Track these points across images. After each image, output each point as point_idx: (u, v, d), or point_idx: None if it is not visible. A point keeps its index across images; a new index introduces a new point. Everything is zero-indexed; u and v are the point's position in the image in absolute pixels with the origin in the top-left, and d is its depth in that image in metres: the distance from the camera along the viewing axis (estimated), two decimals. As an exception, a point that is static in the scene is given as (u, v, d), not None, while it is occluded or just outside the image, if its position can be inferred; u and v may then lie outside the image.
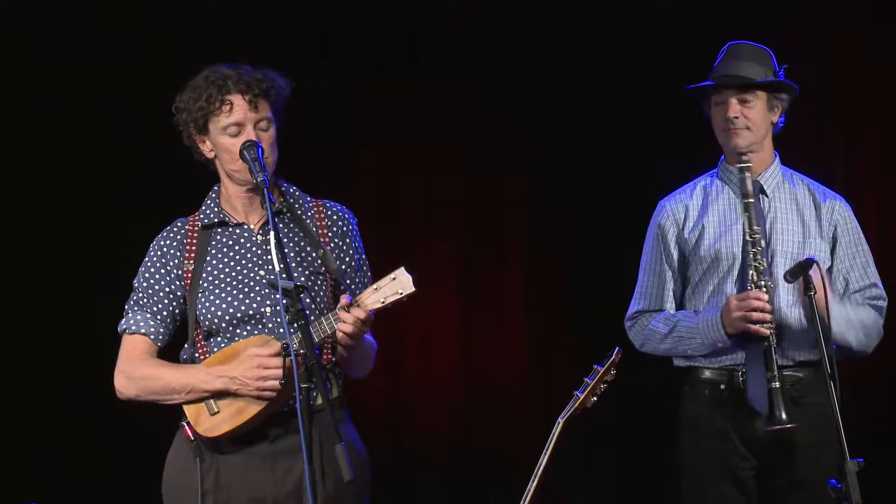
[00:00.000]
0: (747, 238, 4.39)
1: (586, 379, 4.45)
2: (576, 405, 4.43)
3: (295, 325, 3.65)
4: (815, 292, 4.22)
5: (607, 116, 6.07)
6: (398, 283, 3.81)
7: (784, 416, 4.27)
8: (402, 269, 3.83)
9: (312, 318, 3.85)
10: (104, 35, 5.95)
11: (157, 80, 5.78)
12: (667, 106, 5.98)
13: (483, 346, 6.21)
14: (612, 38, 6.06)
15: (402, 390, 6.08)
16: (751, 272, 4.37)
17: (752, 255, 4.37)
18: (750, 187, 4.41)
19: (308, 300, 3.85)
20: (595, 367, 4.47)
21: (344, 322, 3.80)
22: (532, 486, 4.36)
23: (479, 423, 6.15)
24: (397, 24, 6.19)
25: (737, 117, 4.48)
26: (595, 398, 4.44)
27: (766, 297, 4.33)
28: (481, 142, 6.18)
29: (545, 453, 4.38)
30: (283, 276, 3.68)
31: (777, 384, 4.29)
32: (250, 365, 3.85)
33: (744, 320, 4.33)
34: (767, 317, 4.32)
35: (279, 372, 3.81)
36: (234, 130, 3.94)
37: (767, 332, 4.32)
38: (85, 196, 5.97)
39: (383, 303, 3.82)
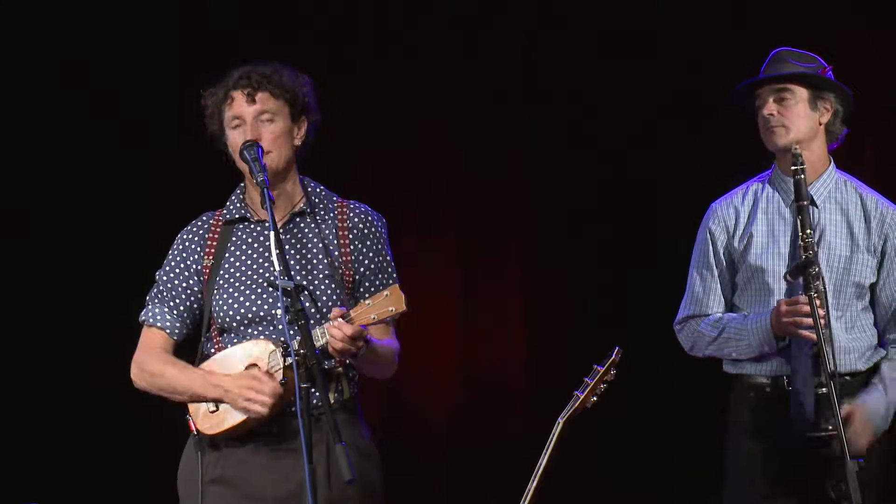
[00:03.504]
0: (799, 242, 4.30)
1: (586, 379, 4.45)
2: (576, 405, 4.43)
3: (296, 325, 3.66)
4: (815, 292, 4.21)
5: (608, 116, 6.07)
6: (390, 301, 3.80)
7: (829, 426, 4.20)
8: (396, 286, 3.82)
9: (322, 319, 3.87)
10: (103, 35, 5.97)
11: (157, 80, 5.87)
12: (667, 106, 6.00)
13: (483, 346, 6.20)
14: (613, 37, 6.05)
15: (402, 390, 6.08)
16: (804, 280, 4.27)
17: (804, 258, 4.26)
18: (804, 189, 4.32)
19: (308, 300, 3.85)
20: (595, 367, 4.47)
21: (333, 337, 3.79)
22: (532, 486, 4.36)
23: (479, 423, 6.15)
24: (397, 23, 6.19)
25: (772, 115, 4.41)
26: (595, 398, 4.44)
27: (816, 302, 4.21)
28: (481, 142, 6.18)
29: (545, 453, 4.38)
30: (283, 275, 3.69)
31: (825, 390, 4.20)
32: (242, 383, 3.86)
33: (794, 325, 4.27)
34: (821, 322, 4.20)
35: (268, 398, 3.82)
36: (234, 123, 4.00)
37: (815, 337, 4.21)
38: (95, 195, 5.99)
39: (374, 320, 3.81)
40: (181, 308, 4.05)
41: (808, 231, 4.29)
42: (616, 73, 6.03)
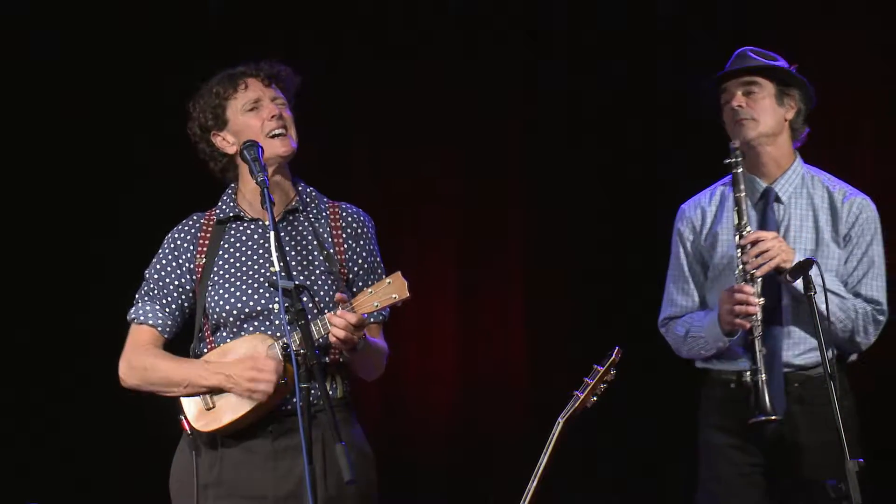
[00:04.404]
0: (735, 237, 4.37)
1: (586, 379, 4.45)
2: (576, 405, 4.42)
3: (296, 324, 3.66)
4: (815, 292, 4.22)
5: (608, 116, 6.07)
6: (393, 288, 3.81)
7: (768, 407, 4.24)
8: (399, 273, 3.82)
9: (320, 315, 3.86)
10: (103, 35, 5.97)
11: (158, 80, 5.87)
12: (666, 106, 5.99)
13: (483, 346, 6.20)
14: (613, 37, 6.05)
15: (401, 390, 6.08)
16: (739, 266, 4.34)
17: (740, 250, 4.34)
18: (740, 179, 4.37)
19: (307, 299, 3.85)
20: (595, 367, 4.47)
21: (335, 326, 3.80)
22: (532, 486, 4.36)
23: (479, 423, 6.15)
24: (397, 22, 6.19)
25: (741, 106, 4.44)
26: (595, 398, 4.44)
27: (751, 290, 4.28)
28: (481, 142, 6.18)
29: (545, 453, 4.37)
30: (283, 275, 3.69)
31: (764, 377, 4.25)
32: (245, 366, 3.86)
33: (730, 314, 4.31)
34: (752, 310, 4.28)
35: (271, 376, 3.83)
36: (251, 106, 4.01)
37: (748, 325, 4.29)
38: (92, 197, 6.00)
39: (377, 307, 3.82)
40: (173, 306, 4.05)
41: (745, 222, 4.33)
42: (616, 73, 6.03)
